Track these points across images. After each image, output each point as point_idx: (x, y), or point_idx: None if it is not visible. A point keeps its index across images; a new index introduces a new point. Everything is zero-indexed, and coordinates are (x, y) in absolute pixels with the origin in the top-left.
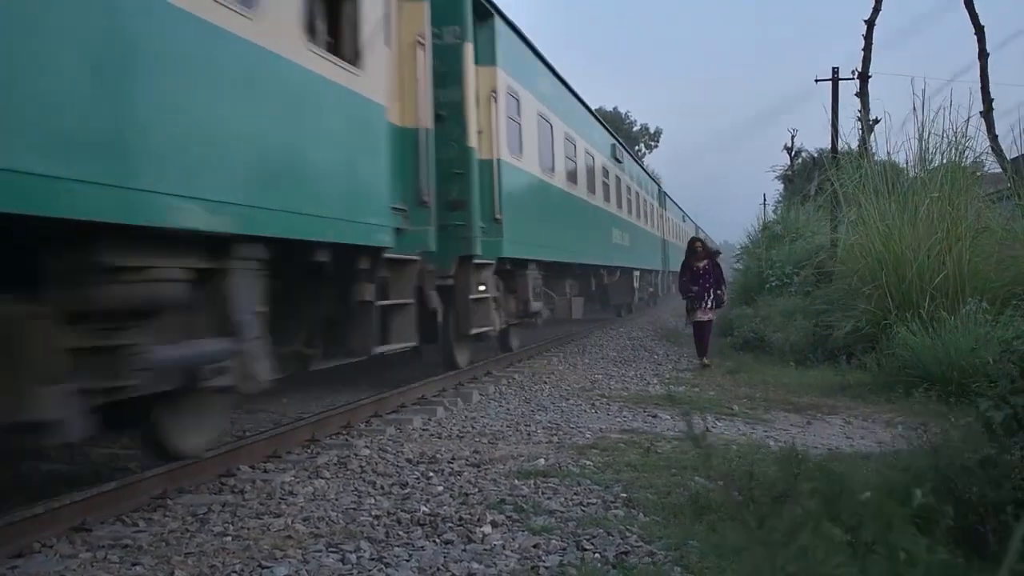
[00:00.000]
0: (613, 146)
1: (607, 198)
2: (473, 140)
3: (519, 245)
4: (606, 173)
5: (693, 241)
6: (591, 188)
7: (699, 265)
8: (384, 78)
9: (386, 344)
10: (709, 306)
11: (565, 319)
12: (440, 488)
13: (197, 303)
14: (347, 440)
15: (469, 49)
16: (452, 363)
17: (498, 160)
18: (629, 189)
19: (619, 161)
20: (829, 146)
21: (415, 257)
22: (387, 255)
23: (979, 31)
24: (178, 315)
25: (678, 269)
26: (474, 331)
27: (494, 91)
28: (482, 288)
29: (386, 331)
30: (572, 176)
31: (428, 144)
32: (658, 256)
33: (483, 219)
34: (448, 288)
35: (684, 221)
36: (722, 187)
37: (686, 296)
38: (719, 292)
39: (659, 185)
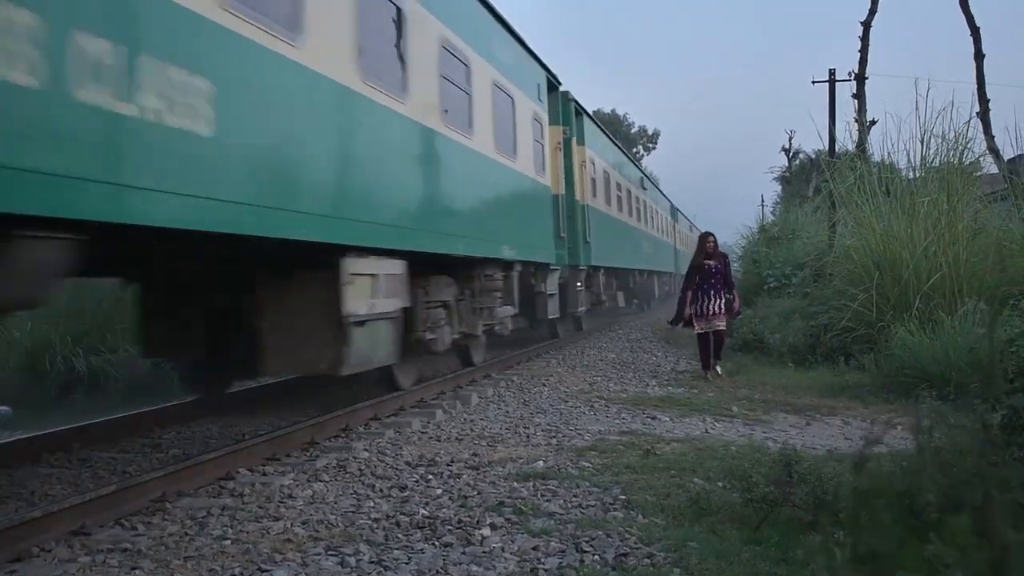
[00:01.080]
0: None
1: None
2: None
3: None
4: None
5: (706, 236)
6: None
7: (709, 264)
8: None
9: None
10: (719, 311)
11: None
12: (439, 491)
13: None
14: (346, 443)
15: None
16: None
17: None
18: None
19: None
20: (826, 147)
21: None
22: None
23: (975, 32)
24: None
25: (608, 268)
26: None
27: None
28: None
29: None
30: None
31: None
32: (547, 228)
33: None
34: None
35: (644, 188)
36: (721, 188)
37: (679, 320)
38: (730, 296)
39: (549, 73)
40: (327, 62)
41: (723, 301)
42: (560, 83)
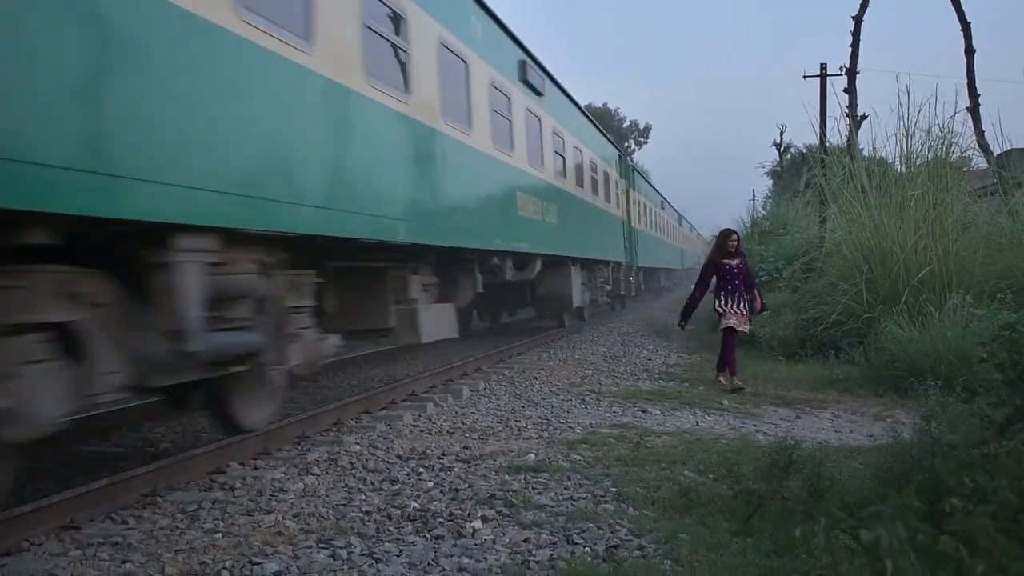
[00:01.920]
0: None
1: None
2: None
3: None
4: None
5: (728, 234)
6: None
7: (730, 263)
8: None
9: None
10: (743, 311)
11: None
12: (430, 484)
13: None
14: (337, 437)
15: None
16: None
17: None
18: None
19: None
20: (817, 141)
21: None
22: None
23: (965, 27)
24: None
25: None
26: None
27: None
28: None
29: None
30: None
31: None
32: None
33: None
34: None
35: (537, 93)
36: (715, 182)
37: (686, 319)
38: (750, 296)
39: None
40: None
41: (746, 303)
42: None
